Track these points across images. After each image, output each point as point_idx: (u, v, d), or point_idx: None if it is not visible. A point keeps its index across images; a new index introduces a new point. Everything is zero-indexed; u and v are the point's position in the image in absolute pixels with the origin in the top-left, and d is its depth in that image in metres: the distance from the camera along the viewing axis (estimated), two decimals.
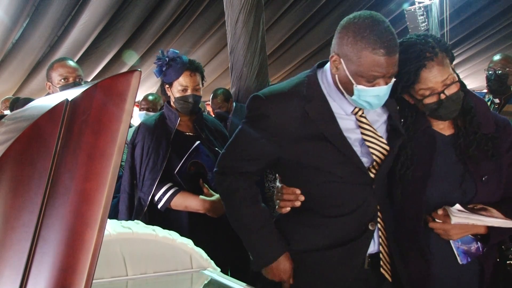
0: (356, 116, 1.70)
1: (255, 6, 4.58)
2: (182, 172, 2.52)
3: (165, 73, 2.62)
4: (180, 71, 2.59)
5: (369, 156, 1.69)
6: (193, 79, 2.61)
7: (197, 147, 2.54)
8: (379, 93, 1.60)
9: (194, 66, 2.64)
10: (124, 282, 1.48)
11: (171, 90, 2.63)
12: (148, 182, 2.51)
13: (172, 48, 2.74)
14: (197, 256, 1.60)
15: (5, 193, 0.59)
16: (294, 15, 10.79)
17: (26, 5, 8.12)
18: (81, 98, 0.60)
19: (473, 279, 1.77)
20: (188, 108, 2.61)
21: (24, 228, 0.57)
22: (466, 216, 1.67)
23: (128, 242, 1.49)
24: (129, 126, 0.62)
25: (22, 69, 9.69)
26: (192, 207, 2.50)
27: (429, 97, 1.70)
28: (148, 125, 2.64)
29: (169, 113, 2.65)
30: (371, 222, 1.69)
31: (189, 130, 2.67)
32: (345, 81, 1.62)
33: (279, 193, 1.78)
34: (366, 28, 1.57)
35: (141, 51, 10.16)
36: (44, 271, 0.56)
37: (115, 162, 0.58)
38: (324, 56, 7.47)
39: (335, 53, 1.64)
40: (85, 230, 0.57)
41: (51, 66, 2.87)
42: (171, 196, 2.49)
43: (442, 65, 1.69)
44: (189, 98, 2.60)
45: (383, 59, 1.55)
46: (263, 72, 4.69)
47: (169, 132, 2.60)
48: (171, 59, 2.60)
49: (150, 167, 2.53)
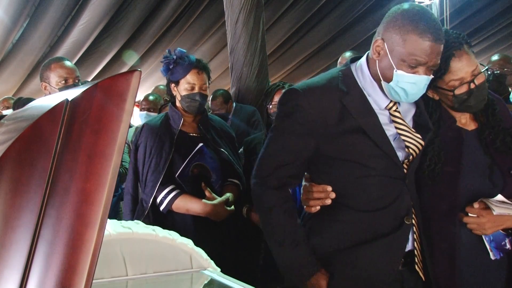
0: (390, 111, 1.69)
1: (255, 6, 4.58)
2: (185, 175, 2.48)
3: (172, 71, 2.58)
4: (188, 69, 2.57)
5: (403, 151, 1.68)
6: (201, 77, 2.58)
7: (200, 149, 2.51)
8: (417, 81, 1.59)
9: (201, 64, 2.62)
10: (124, 282, 1.48)
11: (178, 88, 2.60)
12: (150, 184, 2.49)
13: (172, 48, 2.73)
14: (197, 256, 1.60)
15: (5, 193, 0.59)
16: (294, 15, 10.79)
17: (26, 5, 8.12)
18: (81, 98, 0.60)
19: (501, 275, 1.76)
20: (195, 106, 2.57)
21: (24, 228, 0.57)
22: (507, 206, 1.66)
23: (128, 242, 1.49)
24: (129, 126, 0.62)
25: (22, 69, 9.69)
26: (194, 211, 2.47)
27: (459, 88, 1.71)
28: (152, 126, 2.60)
29: (173, 114, 2.61)
30: (406, 216, 1.67)
31: (193, 130, 2.63)
32: (386, 66, 1.61)
33: (309, 192, 1.73)
34: (416, 14, 1.58)
35: (141, 51, 10.16)
36: (44, 271, 0.56)
37: (115, 162, 0.58)
38: (325, 56, 7.57)
39: (379, 38, 1.63)
40: (85, 230, 0.57)
41: (48, 66, 2.81)
42: (173, 198, 2.47)
43: (469, 55, 1.72)
44: (196, 96, 2.56)
45: (429, 45, 1.55)
46: (263, 72, 4.69)
47: (173, 133, 2.56)
48: (179, 57, 2.57)
49: (152, 168, 2.50)
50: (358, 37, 12.12)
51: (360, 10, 11.51)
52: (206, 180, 2.54)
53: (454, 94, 1.72)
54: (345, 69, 1.72)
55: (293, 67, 13.28)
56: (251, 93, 4.65)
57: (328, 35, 12.09)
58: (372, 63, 1.67)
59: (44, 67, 2.85)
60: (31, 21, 8.63)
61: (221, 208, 2.46)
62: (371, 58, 1.68)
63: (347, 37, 12.12)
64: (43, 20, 8.53)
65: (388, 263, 1.67)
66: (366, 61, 1.70)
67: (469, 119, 1.82)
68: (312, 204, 1.71)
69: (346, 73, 1.70)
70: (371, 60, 1.68)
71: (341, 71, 1.71)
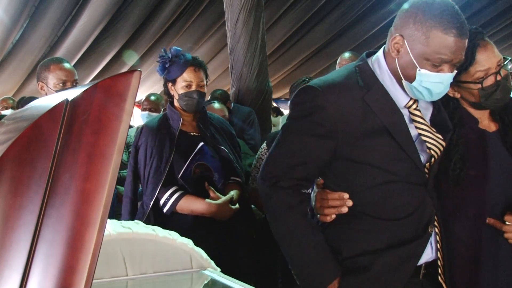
0: (410, 109, 1.56)
1: (255, 6, 4.58)
2: (187, 175, 2.46)
3: (168, 70, 2.56)
4: (184, 67, 2.54)
5: (425, 154, 1.55)
6: (197, 74, 2.55)
7: (201, 148, 2.49)
8: (442, 80, 1.47)
9: (197, 62, 2.59)
10: (124, 282, 1.48)
11: (175, 87, 2.57)
12: (151, 186, 2.46)
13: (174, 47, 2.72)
14: (197, 256, 1.60)
15: (5, 193, 0.59)
16: (294, 15, 10.79)
17: (26, 5, 8.12)
18: (81, 98, 0.60)
19: None
20: (193, 104, 2.55)
21: (24, 228, 0.57)
22: None
23: (128, 242, 1.48)
24: (129, 126, 0.62)
25: (22, 69, 9.70)
26: (198, 211, 2.45)
27: (486, 80, 1.61)
28: (151, 127, 2.58)
29: (172, 114, 2.59)
30: (429, 225, 1.55)
31: (193, 129, 2.61)
32: (407, 65, 1.48)
33: (323, 199, 1.58)
34: (438, 7, 1.43)
35: (141, 51, 10.16)
36: (44, 271, 0.56)
37: (115, 162, 0.58)
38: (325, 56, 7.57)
39: (398, 34, 1.48)
40: (85, 230, 0.57)
41: (47, 66, 2.76)
42: (176, 200, 2.44)
43: (492, 45, 1.63)
44: (193, 94, 2.53)
45: (454, 41, 1.42)
46: (263, 72, 4.69)
47: (173, 133, 2.53)
48: (174, 55, 2.55)
49: (153, 170, 2.47)
50: (358, 38, 12.12)
51: (359, 10, 11.50)
52: (208, 179, 2.52)
53: (482, 87, 1.60)
54: (362, 64, 1.57)
55: (293, 67, 13.28)
56: (251, 93, 4.66)
57: (328, 35, 12.10)
58: (391, 59, 1.53)
59: (43, 67, 2.80)
60: (31, 21, 8.64)
61: (226, 208, 2.44)
62: (388, 53, 1.54)
63: (347, 37, 12.12)
64: (43, 20, 8.53)
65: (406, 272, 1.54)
66: (383, 55, 1.55)
67: (489, 120, 1.71)
68: (327, 212, 1.57)
69: (363, 68, 1.56)
70: (388, 56, 1.54)
71: (357, 66, 1.57)
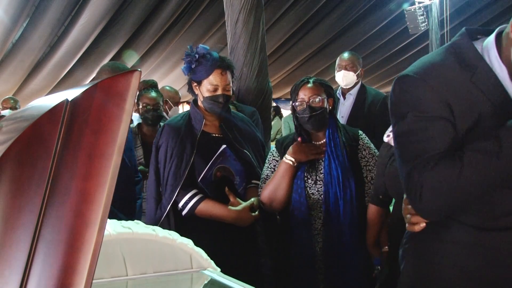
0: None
1: (255, 6, 4.58)
2: (207, 178, 2.40)
3: (194, 70, 2.45)
4: (211, 69, 2.42)
5: None
6: (224, 77, 2.44)
7: (223, 151, 2.41)
8: None
9: (225, 63, 2.47)
10: (124, 282, 1.48)
11: (200, 88, 2.47)
12: (170, 188, 2.40)
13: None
14: (197, 256, 1.60)
15: (5, 193, 0.59)
16: (294, 15, 10.79)
17: (26, 5, 8.13)
18: (81, 98, 0.60)
19: None
20: (218, 108, 2.47)
21: (24, 228, 0.57)
22: None
23: (128, 242, 1.48)
24: (129, 126, 0.62)
25: (22, 69, 9.70)
26: (218, 217, 2.38)
27: None
28: (173, 126, 2.50)
29: (195, 114, 2.51)
30: None
31: (216, 131, 2.53)
32: None
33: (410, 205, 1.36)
34: None
35: (141, 51, 10.16)
36: (44, 271, 0.56)
37: (115, 162, 0.58)
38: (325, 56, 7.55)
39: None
40: (85, 230, 0.57)
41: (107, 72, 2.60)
42: (196, 203, 2.38)
43: None
44: (219, 98, 2.44)
45: None
46: (263, 72, 4.69)
47: (195, 134, 2.46)
48: (201, 55, 2.43)
49: (172, 172, 2.41)
50: (357, 38, 12.13)
51: (359, 11, 11.51)
52: (230, 183, 2.45)
53: None
54: (461, 41, 1.35)
55: (293, 67, 13.28)
56: (251, 93, 4.65)
57: (327, 35, 12.10)
58: (508, 46, 1.29)
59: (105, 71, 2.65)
60: (31, 21, 8.64)
61: (246, 214, 2.39)
62: (505, 38, 1.30)
63: (346, 37, 12.13)
64: (43, 20, 8.53)
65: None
66: (494, 41, 1.32)
67: None
68: (415, 220, 1.37)
69: (464, 46, 1.34)
70: (506, 41, 1.30)
71: (454, 44, 1.36)
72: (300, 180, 2.41)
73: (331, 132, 2.43)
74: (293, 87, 2.53)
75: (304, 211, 2.37)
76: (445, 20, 10.44)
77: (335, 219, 2.33)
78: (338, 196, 2.34)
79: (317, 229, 2.39)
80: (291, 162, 2.38)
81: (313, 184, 2.41)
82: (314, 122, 2.41)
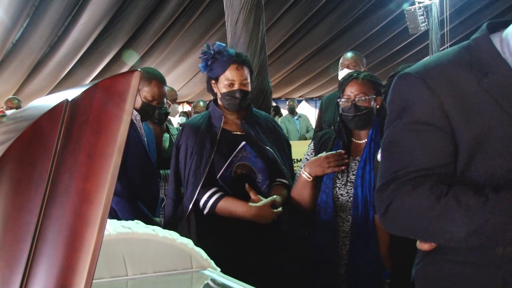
0: None
1: (255, 6, 4.58)
2: (227, 176, 2.37)
3: (211, 67, 2.45)
4: (227, 65, 2.42)
5: None
6: (240, 72, 2.44)
7: (243, 148, 2.38)
8: None
9: (241, 58, 2.47)
10: (124, 282, 1.48)
11: (218, 85, 2.47)
12: (191, 187, 2.38)
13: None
14: (197, 256, 1.60)
15: (5, 193, 0.59)
16: (294, 15, 10.80)
17: (26, 5, 8.13)
18: (81, 98, 0.60)
19: None
20: (235, 104, 2.45)
21: (24, 228, 0.57)
22: None
23: (128, 242, 1.49)
24: (129, 126, 0.62)
25: (22, 69, 9.71)
26: (238, 214, 2.34)
27: None
28: (192, 126, 2.49)
29: (214, 112, 2.49)
30: None
31: (237, 128, 2.50)
32: None
33: None
34: None
35: (141, 51, 10.17)
36: (44, 271, 0.56)
37: (115, 162, 0.58)
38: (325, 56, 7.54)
39: None
40: (85, 230, 0.57)
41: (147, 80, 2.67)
42: (216, 201, 2.35)
43: None
44: (236, 93, 2.43)
45: None
46: (263, 72, 4.69)
47: (214, 133, 2.44)
48: (217, 52, 2.43)
49: (193, 171, 2.39)
50: (357, 38, 12.14)
51: (360, 10, 11.52)
52: (251, 180, 2.41)
53: None
54: (478, 37, 1.22)
55: (293, 67, 13.29)
56: (251, 93, 4.66)
57: (328, 35, 12.11)
58: None
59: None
60: (31, 21, 8.65)
61: (267, 211, 2.32)
62: None
63: (346, 37, 12.14)
64: (43, 20, 8.54)
65: None
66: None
67: None
68: None
69: (482, 43, 1.20)
70: None
71: (473, 40, 1.22)
72: (329, 179, 2.32)
73: (374, 133, 2.32)
74: (340, 81, 2.40)
75: (330, 213, 2.28)
76: (445, 20, 10.45)
77: (363, 225, 2.22)
78: (368, 201, 2.22)
79: (345, 231, 2.30)
80: (307, 178, 2.31)
81: (343, 186, 2.31)
82: (357, 122, 2.32)
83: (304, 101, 16.30)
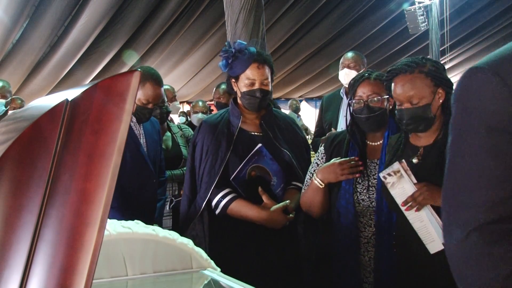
0: None
1: (255, 6, 4.58)
2: (240, 177, 2.33)
3: (231, 65, 2.40)
4: (247, 63, 2.36)
5: None
6: (261, 72, 2.38)
7: (259, 150, 2.34)
8: None
9: (262, 57, 2.41)
10: (124, 282, 1.48)
11: (238, 84, 2.41)
12: (204, 186, 2.36)
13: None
14: (197, 256, 1.60)
15: (5, 193, 0.59)
16: (294, 15, 10.80)
17: (26, 5, 8.14)
18: (81, 98, 0.60)
19: None
20: (255, 103, 2.39)
21: (24, 228, 0.57)
22: None
23: (128, 242, 1.49)
24: (129, 125, 0.62)
25: (22, 69, 9.71)
26: (249, 217, 2.30)
27: None
28: (210, 124, 2.46)
29: (233, 111, 2.45)
30: None
31: (255, 129, 2.45)
32: None
33: None
34: None
35: (141, 51, 10.17)
36: (44, 271, 0.56)
37: (115, 162, 0.58)
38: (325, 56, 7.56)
39: None
40: (85, 230, 0.57)
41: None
42: (228, 202, 2.32)
43: None
44: (256, 92, 2.37)
45: None
46: None
47: (232, 132, 2.40)
48: (238, 50, 2.38)
49: (207, 170, 2.36)
50: (357, 38, 12.14)
51: (359, 11, 11.52)
52: (266, 183, 2.37)
53: None
54: None
55: (293, 67, 13.29)
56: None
57: (328, 35, 12.11)
58: None
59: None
60: (31, 21, 8.65)
61: (279, 216, 2.29)
62: None
63: (346, 37, 12.14)
64: (43, 20, 8.54)
65: None
66: None
67: None
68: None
69: None
70: None
71: None
72: (349, 185, 2.22)
73: (390, 135, 2.22)
74: (351, 81, 2.30)
75: (351, 219, 2.19)
76: (445, 20, 10.46)
77: (388, 230, 2.12)
78: None
79: (368, 237, 2.20)
80: (319, 184, 2.22)
81: (364, 190, 2.21)
82: (371, 123, 2.22)
83: (304, 101, 16.30)
